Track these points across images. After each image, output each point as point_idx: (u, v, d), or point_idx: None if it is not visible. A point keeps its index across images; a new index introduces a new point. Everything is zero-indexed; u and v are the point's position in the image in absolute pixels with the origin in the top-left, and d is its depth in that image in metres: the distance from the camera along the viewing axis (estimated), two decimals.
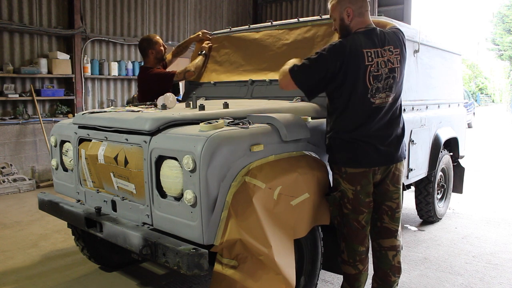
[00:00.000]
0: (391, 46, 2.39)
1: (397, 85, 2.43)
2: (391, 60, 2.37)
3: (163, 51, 4.04)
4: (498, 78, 50.51)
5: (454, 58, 4.85)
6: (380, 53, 2.35)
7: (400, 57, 2.42)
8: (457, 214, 5.08)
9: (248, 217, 2.04)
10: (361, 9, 2.39)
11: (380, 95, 2.37)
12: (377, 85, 2.34)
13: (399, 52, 2.41)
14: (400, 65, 2.42)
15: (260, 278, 2.07)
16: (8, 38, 6.39)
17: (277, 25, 3.54)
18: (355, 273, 2.56)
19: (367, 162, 2.43)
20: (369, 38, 2.36)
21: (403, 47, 2.47)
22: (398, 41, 2.44)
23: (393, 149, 2.47)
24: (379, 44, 2.36)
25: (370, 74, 2.32)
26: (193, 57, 4.01)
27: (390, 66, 2.37)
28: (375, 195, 2.53)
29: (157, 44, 4.02)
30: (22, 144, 6.51)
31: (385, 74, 2.36)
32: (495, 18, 32.96)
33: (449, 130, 4.45)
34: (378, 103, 2.37)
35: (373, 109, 2.38)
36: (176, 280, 3.25)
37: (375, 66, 2.33)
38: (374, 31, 2.40)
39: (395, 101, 2.47)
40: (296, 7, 9.93)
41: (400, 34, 2.49)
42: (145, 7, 8.11)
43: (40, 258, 3.71)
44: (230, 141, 2.08)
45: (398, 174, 2.53)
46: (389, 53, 2.37)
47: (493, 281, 3.29)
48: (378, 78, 2.34)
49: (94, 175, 2.72)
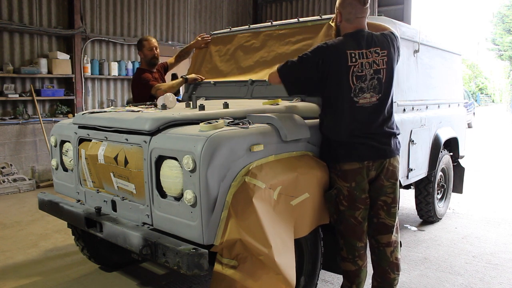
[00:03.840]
0: (378, 47, 2.44)
1: (383, 86, 2.46)
2: (376, 62, 2.43)
3: (151, 55, 4.03)
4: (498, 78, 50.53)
5: (454, 58, 4.85)
6: (365, 55, 2.41)
7: (387, 58, 2.46)
8: (457, 214, 5.08)
9: (248, 217, 2.04)
10: (349, 15, 2.45)
11: (365, 95, 2.42)
12: (360, 85, 2.40)
13: (386, 54, 2.45)
14: (386, 67, 2.45)
15: (260, 278, 2.06)
16: (8, 38, 6.40)
17: (277, 25, 3.54)
18: (355, 269, 2.58)
19: (358, 156, 2.46)
20: (355, 39, 2.42)
21: (393, 49, 2.50)
22: (386, 42, 2.47)
23: (384, 145, 2.50)
24: (365, 45, 2.42)
25: (353, 74, 2.39)
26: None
27: (375, 67, 2.42)
28: (371, 192, 2.57)
29: (144, 47, 4.03)
30: (22, 144, 6.51)
31: (369, 75, 2.42)
32: (495, 18, 32.95)
33: (449, 130, 4.45)
34: (362, 102, 2.42)
35: (357, 108, 2.43)
36: (176, 280, 3.25)
37: (358, 66, 2.39)
38: (361, 33, 2.45)
39: (383, 101, 2.48)
40: (296, 7, 9.94)
41: (390, 36, 2.53)
42: (145, 7, 8.11)
43: (40, 258, 3.71)
44: (230, 141, 2.08)
45: (392, 169, 2.55)
46: (375, 54, 2.42)
47: (493, 281, 3.29)
48: (362, 79, 2.40)
49: (94, 175, 2.72)
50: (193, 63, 4.03)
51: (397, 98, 3.43)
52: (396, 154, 2.57)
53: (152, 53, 4.03)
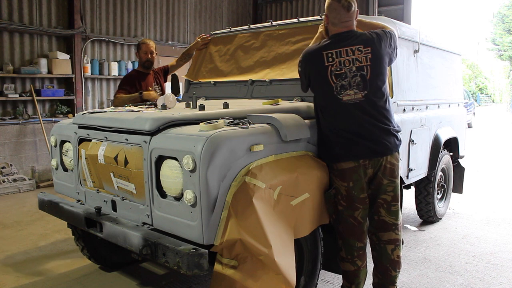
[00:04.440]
0: (361, 45, 2.48)
1: (368, 82, 2.47)
2: (359, 59, 2.47)
3: (145, 58, 4.14)
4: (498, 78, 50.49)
5: (454, 58, 4.85)
6: (345, 52, 2.46)
7: (372, 55, 2.48)
8: (457, 214, 5.08)
9: (248, 217, 2.04)
10: (334, 19, 2.53)
11: (348, 92, 2.46)
12: (341, 82, 2.46)
13: (370, 51, 2.48)
14: (370, 63, 2.48)
15: (260, 278, 2.07)
16: (8, 38, 6.40)
17: (277, 25, 3.54)
18: (354, 270, 2.58)
19: (353, 155, 2.48)
20: (338, 40, 2.51)
21: (380, 46, 2.51)
22: (370, 40, 2.50)
23: (379, 142, 2.51)
24: (345, 44, 2.48)
25: (331, 73, 2.47)
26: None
27: (357, 64, 2.46)
28: (371, 190, 2.58)
29: (141, 49, 4.16)
30: (22, 144, 6.51)
31: (351, 72, 2.46)
32: (495, 18, 32.97)
33: (449, 130, 4.45)
34: (346, 99, 2.47)
35: (343, 105, 2.47)
36: (176, 280, 3.25)
37: (336, 65, 2.47)
38: (345, 33, 2.52)
39: (371, 98, 2.49)
40: (296, 7, 9.93)
41: (378, 33, 2.55)
42: (145, 7, 8.11)
43: (40, 258, 3.71)
44: (230, 141, 2.08)
45: (390, 167, 2.55)
46: (358, 52, 2.47)
47: (493, 281, 3.29)
48: (342, 76, 2.46)
49: (94, 175, 2.72)
50: (193, 63, 4.03)
51: (397, 98, 3.43)
52: (393, 151, 2.56)
53: (146, 57, 4.14)
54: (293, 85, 3.13)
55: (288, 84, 3.18)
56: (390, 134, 2.55)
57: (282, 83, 3.24)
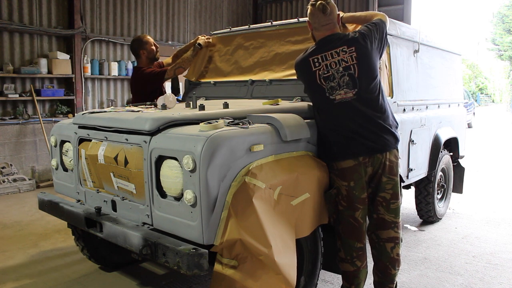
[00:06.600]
0: (345, 46, 2.53)
1: (357, 80, 2.50)
2: (344, 59, 2.51)
3: (154, 51, 4.09)
4: (498, 78, 50.52)
5: (454, 58, 4.85)
6: (330, 55, 2.52)
7: (357, 54, 2.51)
8: (457, 214, 5.08)
9: (248, 217, 2.04)
10: (315, 24, 2.62)
11: (339, 92, 2.51)
12: (330, 84, 2.52)
13: (354, 50, 2.52)
14: (357, 62, 2.51)
15: (260, 278, 2.07)
16: (8, 38, 6.39)
17: (277, 25, 3.54)
18: (353, 270, 2.58)
19: (351, 153, 2.50)
20: (323, 44, 2.57)
21: (364, 43, 2.53)
22: (352, 39, 2.54)
23: (376, 139, 2.52)
24: (330, 47, 2.53)
25: (320, 77, 2.54)
26: (194, 60, 4.01)
27: (344, 64, 2.51)
28: (370, 189, 2.59)
29: (147, 44, 4.06)
30: (22, 144, 6.51)
31: (339, 73, 2.51)
32: (495, 18, 32.97)
33: (449, 130, 4.45)
34: (339, 98, 2.51)
35: (337, 105, 2.51)
36: (176, 280, 3.25)
37: (323, 68, 2.53)
38: (329, 37, 2.57)
39: (362, 96, 2.51)
40: (296, 7, 9.94)
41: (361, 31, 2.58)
42: (145, 7, 8.11)
43: (40, 258, 3.71)
44: (230, 141, 2.08)
45: (390, 164, 2.56)
46: (343, 53, 2.52)
47: (493, 281, 3.29)
48: (330, 78, 2.52)
49: (94, 175, 2.72)
50: (193, 63, 4.03)
51: (397, 98, 3.43)
52: (392, 148, 2.57)
53: (156, 48, 4.10)
54: (293, 85, 3.13)
55: (288, 84, 3.18)
56: (387, 130, 2.56)
57: (282, 83, 3.24)
